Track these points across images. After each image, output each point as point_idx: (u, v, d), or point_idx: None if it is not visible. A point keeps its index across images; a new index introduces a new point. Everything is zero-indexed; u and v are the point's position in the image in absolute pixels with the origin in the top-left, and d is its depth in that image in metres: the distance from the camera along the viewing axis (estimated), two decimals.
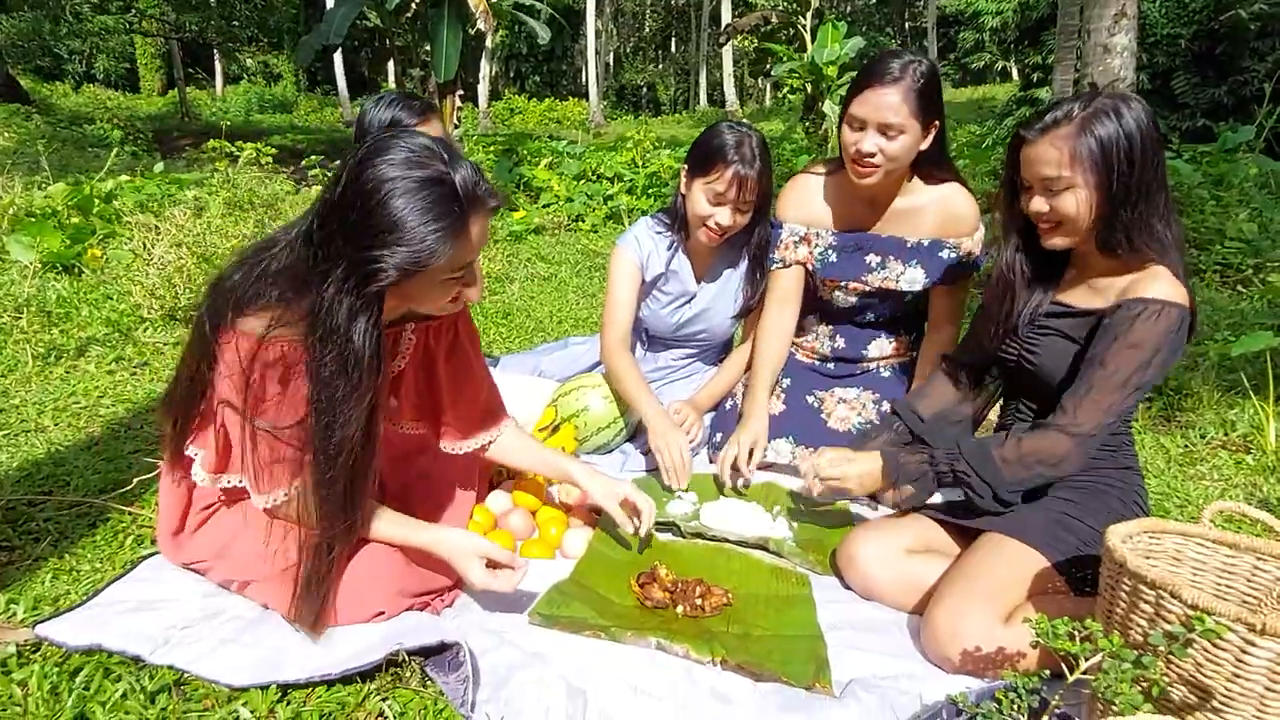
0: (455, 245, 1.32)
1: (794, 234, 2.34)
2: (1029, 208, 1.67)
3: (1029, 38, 12.84)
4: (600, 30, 25.77)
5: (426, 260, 1.30)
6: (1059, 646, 1.20)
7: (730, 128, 2.28)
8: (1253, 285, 4.24)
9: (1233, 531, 1.43)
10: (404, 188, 1.28)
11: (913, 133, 2.02)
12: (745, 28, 13.91)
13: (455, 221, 1.31)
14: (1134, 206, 1.57)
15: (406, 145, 1.31)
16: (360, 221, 1.28)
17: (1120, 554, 1.24)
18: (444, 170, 1.31)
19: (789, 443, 2.36)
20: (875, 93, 2.00)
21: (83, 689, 1.35)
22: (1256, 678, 1.11)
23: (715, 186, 2.23)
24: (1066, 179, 1.58)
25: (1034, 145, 1.62)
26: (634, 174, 7.73)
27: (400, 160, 1.29)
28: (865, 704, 1.36)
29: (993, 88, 21.75)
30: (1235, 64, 9.26)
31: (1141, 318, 1.56)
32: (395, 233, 1.27)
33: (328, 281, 1.30)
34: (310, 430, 1.37)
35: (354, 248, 1.28)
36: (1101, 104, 1.57)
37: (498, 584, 1.53)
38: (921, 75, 1.99)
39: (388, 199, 1.27)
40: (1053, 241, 1.68)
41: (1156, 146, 1.57)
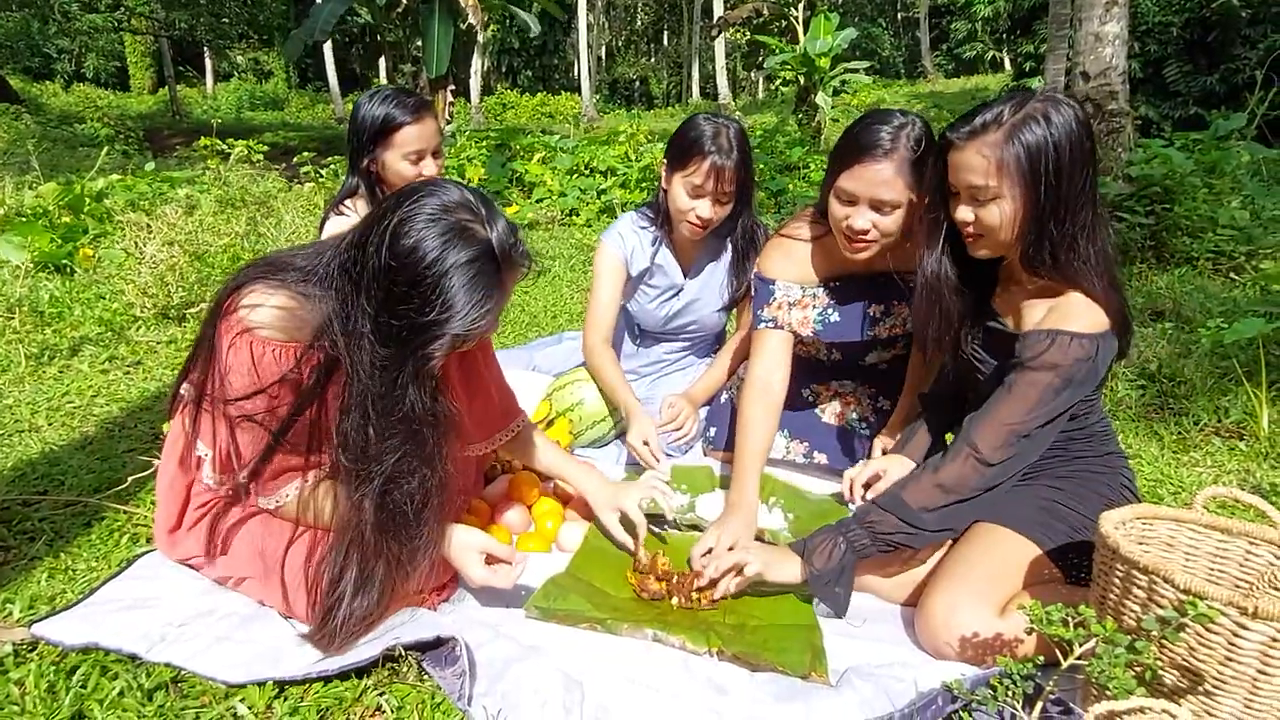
0: (497, 309, 1.35)
1: (788, 294, 2.13)
2: (955, 214, 1.61)
3: (1021, 27, 12.87)
4: (592, 24, 25.70)
5: (477, 334, 1.33)
6: (1053, 633, 1.20)
7: (707, 119, 2.25)
8: (1245, 272, 4.25)
9: (1226, 517, 1.44)
10: (451, 264, 1.27)
11: (908, 205, 1.85)
12: (737, 20, 13.90)
13: (498, 289, 1.33)
14: (1060, 222, 1.51)
15: (445, 205, 1.30)
16: (408, 294, 1.27)
17: (1113, 540, 1.25)
18: (484, 235, 1.31)
19: (783, 436, 2.36)
20: (866, 168, 1.81)
21: (80, 687, 1.35)
22: (1249, 661, 1.12)
23: (693, 179, 2.21)
24: (993, 189, 1.51)
25: (961, 151, 1.53)
26: (627, 168, 7.72)
27: (442, 230, 1.28)
28: (861, 692, 1.37)
29: (985, 78, 21.75)
30: (1227, 51, 9.30)
31: (1052, 349, 1.53)
32: (447, 313, 1.28)
33: (374, 333, 1.30)
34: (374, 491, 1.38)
35: (404, 318, 1.28)
36: (1031, 109, 1.48)
37: (497, 580, 1.53)
38: (915, 141, 1.81)
39: (439, 280, 1.26)
40: (978, 252, 1.63)
41: (1087, 156, 1.50)
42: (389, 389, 1.32)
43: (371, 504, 1.37)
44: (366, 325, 1.30)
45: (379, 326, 1.29)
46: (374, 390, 1.32)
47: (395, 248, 1.27)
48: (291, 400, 1.40)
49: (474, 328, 1.30)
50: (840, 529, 1.66)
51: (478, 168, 7.70)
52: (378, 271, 1.28)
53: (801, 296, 2.13)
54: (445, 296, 1.27)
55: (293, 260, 1.43)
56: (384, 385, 1.32)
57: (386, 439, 1.34)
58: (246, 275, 1.42)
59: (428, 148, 2.25)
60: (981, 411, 1.61)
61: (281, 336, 1.38)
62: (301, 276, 1.39)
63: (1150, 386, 2.98)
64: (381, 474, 1.36)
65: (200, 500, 1.60)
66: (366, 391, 1.32)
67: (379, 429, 1.34)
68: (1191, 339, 3.30)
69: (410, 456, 1.37)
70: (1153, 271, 4.39)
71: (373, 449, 1.35)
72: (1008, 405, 1.57)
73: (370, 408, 1.33)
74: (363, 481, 1.37)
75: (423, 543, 1.44)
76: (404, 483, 1.38)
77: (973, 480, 1.60)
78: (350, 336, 1.32)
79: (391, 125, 2.19)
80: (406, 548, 1.42)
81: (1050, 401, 1.54)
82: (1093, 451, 1.73)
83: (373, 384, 1.32)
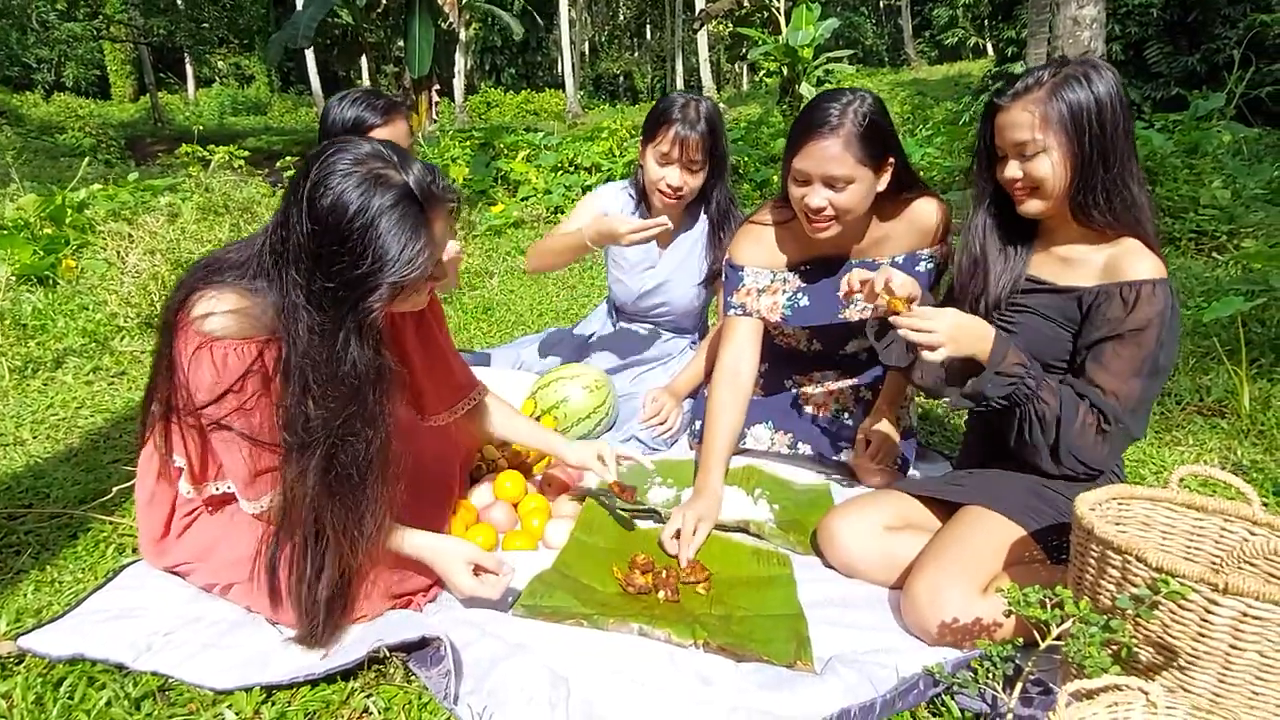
0: (430, 251, 1.33)
1: (757, 280, 2.15)
2: (1004, 174, 1.67)
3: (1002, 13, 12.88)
4: (574, 20, 25.62)
5: (413, 279, 1.31)
6: (1030, 614, 1.22)
7: (679, 94, 2.38)
8: (1227, 252, 4.27)
9: (1207, 494, 1.46)
10: (375, 211, 1.27)
11: (863, 180, 1.86)
12: (719, 12, 13.88)
13: (425, 229, 1.32)
14: (1109, 168, 1.58)
15: (356, 158, 1.30)
16: (337, 252, 1.27)
17: (1088, 521, 1.26)
18: (400, 178, 1.30)
19: (767, 428, 2.37)
20: (815, 145, 1.83)
21: (67, 698, 1.35)
22: (1221, 636, 1.14)
23: (661, 147, 2.33)
24: (1039, 142, 1.59)
25: (1007, 111, 1.63)
26: (612, 163, 7.71)
27: (358, 181, 1.27)
28: (845, 679, 1.38)
29: (968, 64, 21.75)
30: (1207, 31, 9.32)
31: (1140, 302, 1.56)
32: (380, 261, 1.27)
33: (309, 302, 1.30)
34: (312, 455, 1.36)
35: (337, 278, 1.28)
36: (1071, 70, 1.58)
37: (484, 590, 1.55)
38: (864, 117, 1.82)
39: (364, 231, 1.26)
40: (1027, 207, 1.67)
41: (1126, 112, 1.59)
42: (329, 353, 1.31)
43: (316, 473, 1.35)
44: (300, 296, 1.30)
45: (313, 294, 1.29)
46: (314, 358, 1.31)
47: (315, 211, 1.27)
48: (261, 395, 1.39)
49: (410, 271, 1.30)
50: (1029, 369, 1.61)
51: (462, 167, 7.69)
52: (304, 239, 1.28)
53: (771, 282, 2.15)
54: (375, 245, 1.27)
55: (227, 258, 1.41)
56: (324, 350, 1.31)
57: (328, 405, 1.33)
58: (189, 285, 1.40)
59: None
60: (1102, 377, 1.60)
61: (239, 336, 1.37)
62: (240, 273, 1.38)
63: None
64: (325, 440, 1.34)
65: (187, 508, 1.60)
66: (306, 362, 1.31)
67: (320, 398, 1.32)
68: None
69: (353, 418, 1.36)
70: None
71: (314, 419, 1.33)
72: (1120, 363, 1.58)
73: (310, 378, 1.32)
74: (306, 452, 1.35)
75: (370, 507, 1.41)
76: (348, 445, 1.36)
77: (1118, 443, 1.61)
78: (286, 312, 1.32)
79: (363, 127, 2.15)
80: (354, 513, 1.40)
81: (1158, 355, 1.57)
82: None
83: (312, 351, 1.31)
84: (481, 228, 6.19)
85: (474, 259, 5.34)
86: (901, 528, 1.80)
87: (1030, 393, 1.60)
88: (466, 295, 4.51)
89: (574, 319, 3.88)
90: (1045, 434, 1.61)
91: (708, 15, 14.85)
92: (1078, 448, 1.60)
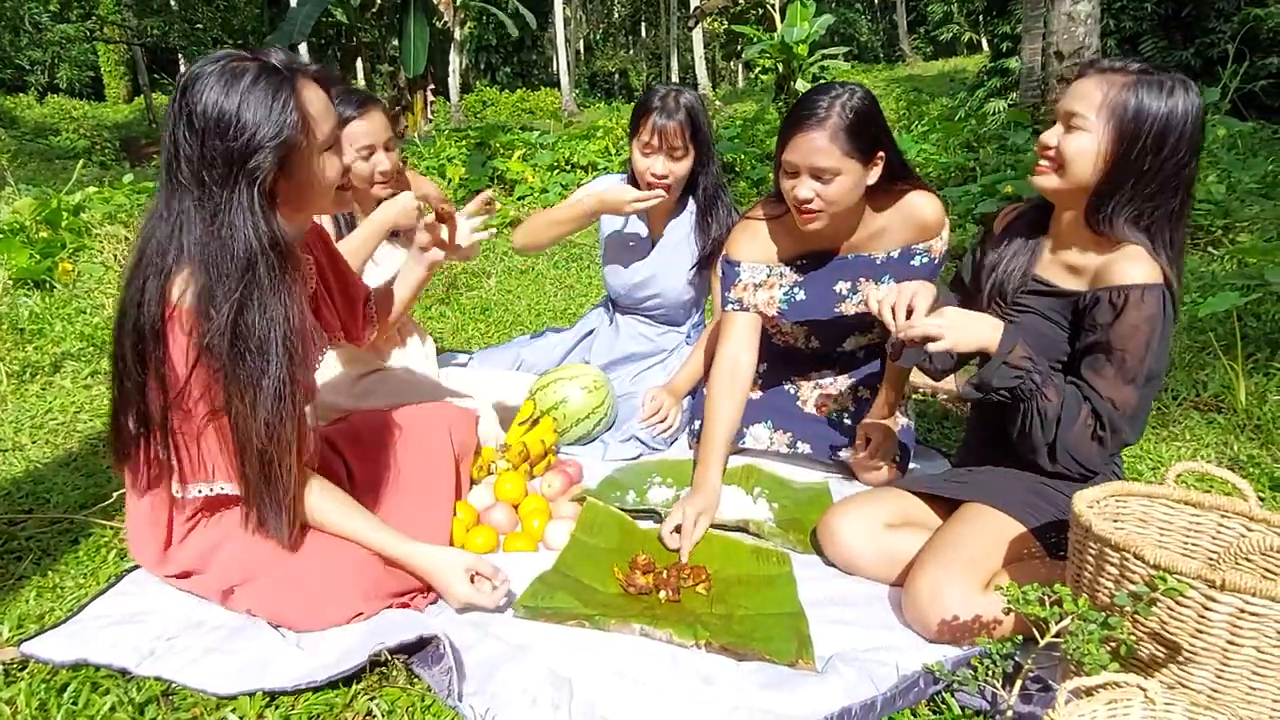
0: (302, 115, 1.36)
1: (754, 275, 2.18)
2: (1041, 137, 1.64)
3: (997, 8, 12.89)
4: (569, 17, 25.60)
5: (289, 135, 1.34)
6: (1029, 612, 1.22)
7: (662, 85, 2.44)
8: (1223, 246, 4.28)
9: (1204, 490, 1.46)
10: (241, 91, 1.31)
11: (850, 172, 1.88)
12: (714, 10, 13.89)
13: (293, 94, 1.35)
14: (1140, 186, 1.53)
15: (212, 62, 1.35)
16: (216, 144, 1.31)
17: (1086, 519, 1.27)
18: (257, 60, 1.35)
19: (766, 428, 2.38)
20: (803, 137, 1.86)
21: (71, 704, 1.36)
22: (1219, 632, 1.14)
23: (643, 137, 2.38)
24: (1088, 121, 1.54)
25: (1084, 80, 1.58)
26: (608, 162, 7.72)
27: (217, 76, 1.32)
28: (846, 677, 1.39)
29: (963, 60, 21.76)
30: (1201, 25, 9.33)
31: (1128, 307, 1.53)
32: (254, 129, 1.31)
33: (201, 200, 1.33)
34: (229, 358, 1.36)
35: (221, 163, 1.31)
36: (1163, 77, 1.52)
37: (480, 598, 1.56)
38: (851, 110, 1.84)
39: (237, 111, 1.30)
40: (1043, 180, 1.63)
41: (1191, 148, 1.52)
42: (221, 231, 1.33)
43: (222, 349, 1.35)
44: (192, 202, 1.33)
45: (204, 190, 1.32)
46: (210, 243, 1.33)
47: (192, 123, 1.31)
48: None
49: (287, 131, 1.33)
50: (1035, 363, 1.60)
51: (458, 167, 7.68)
52: (191, 150, 1.31)
53: (768, 277, 2.18)
54: (244, 116, 1.31)
55: (153, 233, 1.39)
56: (217, 229, 1.33)
57: (226, 284, 1.34)
58: (145, 287, 1.37)
59: (378, 141, 2.20)
60: (1097, 382, 1.58)
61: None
62: (166, 243, 1.37)
63: None
64: (229, 315, 1.34)
65: (187, 513, 1.59)
66: (204, 251, 1.33)
67: (220, 279, 1.33)
68: None
69: (251, 286, 1.36)
70: None
71: (217, 302, 1.34)
72: (1112, 370, 1.56)
73: (209, 266, 1.33)
74: (211, 335, 1.35)
75: (272, 377, 1.39)
76: (247, 316, 1.36)
77: (1113, 445, 1.60)
78: (184, 226, 1.34)
79: (339, 121, 2.14)
80: (260, 393, 1.38)
81: (1147, 360, 1.54)
82: None
83: (206, 238, 1.33)
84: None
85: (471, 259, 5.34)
86: (901, 525, 1.81)
87: (1035, 388, 1.59)
88: (464, 296, 4.51)
89: (572, 319, 3.88)
90: (1045, 430, 1.61)
91: (703, 12, 14.86)
92: (1074, 448, 1.60)
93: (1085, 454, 1.60)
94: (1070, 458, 1.61)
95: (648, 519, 2.05)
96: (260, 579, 1.55)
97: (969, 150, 6.75)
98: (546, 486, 2.16)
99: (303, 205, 1.49)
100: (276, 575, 1.54)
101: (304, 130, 1.37)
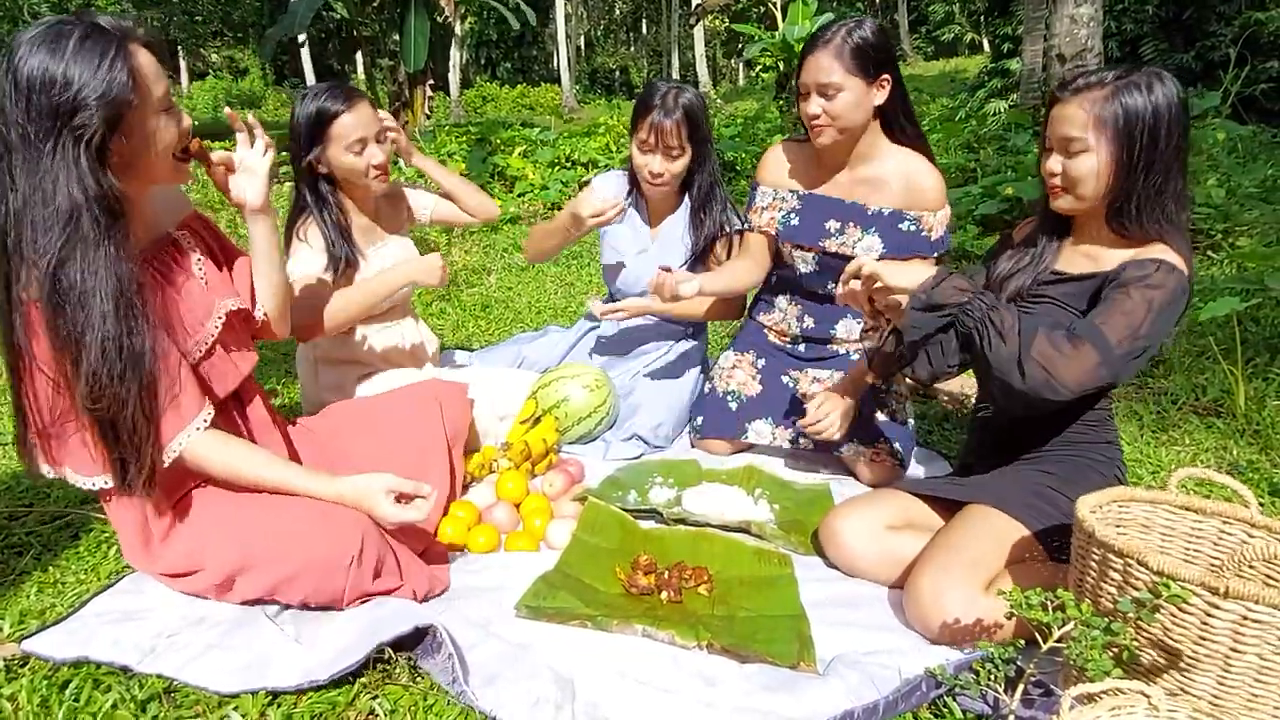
0: (133, 74, 1.34)
1: (765, 198, 2.39)
2: (1045, 166, 1.69)
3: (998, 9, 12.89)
4: (570, 14, 25.57)
5: (119, 94, 1.32)
6: (1032, 616, 1.23)
7: (661, 82, 2.46)
8: (1222, 250, 4.29)
9: (1203, 496, 1.47)
10: (61, 55, 1.29)
11: (853, 89, 2.06)
12: (715, 7, 13.88)
13: (120, 52, 1.33)
14: (1150, 182, 1.58)
15: (35, 28, 1.33)
16: (42, 101, 1.29)
17: (1089, 524, 1.27)
18: (82, 21, 1.34)
19: (768, 423, 2.39)
20: (812, 58, 2.08)
21: (73, 701, 1.36)
22: (1221, 639, 1.15)
23: (640, 134, 2.40)
24: (1086, 142, 1.59)
25: (1064, 105, 1.63)
26: (609, 159, 7.71)
27: (40, 39, 1.30)
28: (848, 680, 1.39)
29: (964, 60, 21.77)
30: (1202, 29, 9.34)
31: (1156, 271, 1.57)
32: (76, 88, 1.29)
33: (41, 168, 1.31)
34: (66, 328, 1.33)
35: (50, 125, 1.30)
36: (1137, 77, 1.57)
37: (409, 514, 1.58)
38: (855, 34, 2.05)
39: (63, 71, 1.28)
40: (1059, 202, 1.69)
41: (1182, 130, 1.58)
42: (44, 183, 1.31)
43: (42, 291, 1.32)
44: (17, 161, 1.31)
45: (28, 145, 1.30)
46: (32, 195, 1.31)
47: (17, 83, 1.29)
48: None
49: (116, 89, 1.31)
50: (979, 294, 1.59)
51: (459, 162, 7.67)
52: (19, 116, 1.29)
53: (774, 200, 2.38)
54: (72, 74, 1.29)
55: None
56: (39, 181, 1.31)
57: (48, 236, 1.31)
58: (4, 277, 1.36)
59: (369, 134, 2.15)
60: (1099, 316, 1.57)
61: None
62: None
63: None
64: (47, 267, 1.31)
65: (162, 509, 1.56)
66: (26, 204, 1.31)
67: (42, 231, 1.31)
68: None
69: (73, 240, 1.32)
70: None
71: (38, 253, 1.31)
72: (1130, 312, 1.56)
73: (32, 221, 1.31)
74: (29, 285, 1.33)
75: (97, 331, 1.34)
76: (68, 269, 1.32)
77: (1089, 363, 1.53)
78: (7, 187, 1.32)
79: (326, 118, 2.10)
80: (79, 342, 1.34)
81: (1154, 321, 1.55)
82: (1094, 439, 1.76)
83: (29, 190, 1.31)
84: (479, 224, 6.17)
85: (471, 256, 5.34)
86: (903, 526, 1.81)
87: (986, 305, 1.57)
88: (465, 293, 4.51)
89: (572, 316, 3.88)
90: (1008, 341, 1.54)
91: (704, 10, 14.85)
92: (1047, 360, 1.53)
93: (1063, 371, 1.52)
94: (1043, 370, 1.52)
95: (649, 519, 2.05)
96: (259, 562, 1.53)
97: (969, 151, 6.74)
98: (548, 485, 2.16)
99: (140, 170, 1.46)
100: (274, 552, 1.52)
101: (135, 90, 1.34)
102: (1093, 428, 1.76)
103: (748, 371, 2.49)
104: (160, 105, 1.43)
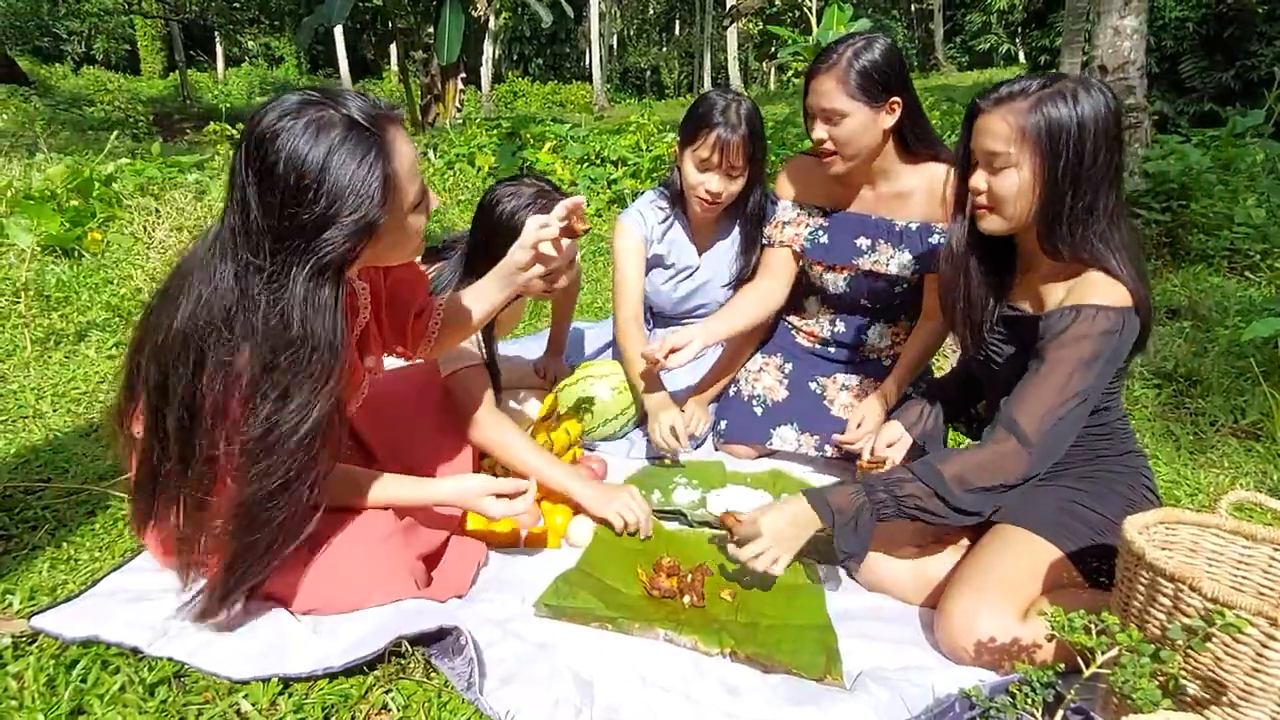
0: (387, 181, 1.26)
1: (786, 212, 2.32)
2: (970, 182, 1.60)
3: (1036, 20, 12.76)
4: (604, 12, 25.56)
5: (371, 215, 1.24)
6: (1075, 640, 1.17)
7: (719, 94, 2.29)
8: (1261, 271, 4.20)
9: (1248, 522, 1.41)
10: (327, 149, 1.20)
11: (858, 114, 1.97)
12: (750, 10, 13.82)
13: (380, 150, 1.25)
14: (1079, 199, 1.49)
15: (285, 111, 1.22)
16: (297, 213, 1.21)
17: (1139, 546, 1.22)
18: (341, 114, 1.24)
19: (793, 429, 2.34)
20: (815, 81, 2.00)
21: (80, 681, 1.33)
22: (1276, 672, 1.09)
23: (700, 152, 2.24)
24: (1010, 157, 1.51)
25: (987, 116, 1.54)
26: (638, 158, 7.66)
27: (303, 128, 1.21)
28: (876, 697, 1.34)
29: (999, 71, 21.52)
30: (1243, 47, 9.21)
31: (1077, 322, 1.48)
32: (336, 199, 1.21)
33: (275, 284, 1.24)
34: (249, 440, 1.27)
35: (297, 233, 1.22)
36: (1061, 86, 1.48)
37: (514, 508, 1.62)
38: (861, 56, 1.93)
39: (320, 175, 1.20)
40: (985, 223, 1.60)
41: (1112, 142, 1.48)
42: (283, 310, 1.23)
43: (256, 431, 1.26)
44: (259, 276, 1.23)
45: (274, 260, 1.22)
46: (272, 320, 1.23)
47: (269, 180, 1.20)
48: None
49: (367, 209, 1.23)
50: (866, 488, 1.57)
51: (489, 155, 7.66)
52: (266, 211, 1.21)
53: (797, 215, 2.31)
54: (329, 184, 1.20)
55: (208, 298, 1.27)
56: (280, 309, 1.23)
57: (278, 369, 1.25)
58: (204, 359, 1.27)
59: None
60: (1015, 394, 1.54)
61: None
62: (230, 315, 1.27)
63: (1166, 386, 2.93)
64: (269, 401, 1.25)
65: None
66: (267, 327, 1.23)
67: (275, 363, 1.24)
68: (1208, 338, 3.25)
69: (301, 377, 1.26)
70: (1168, 268, 4.34)
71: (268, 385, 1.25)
72: (1041, 384, 1.51)
73: (270, 348, 1.24)
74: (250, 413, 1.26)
75: (278, 474, 1.29)
76: (282, 406, 1.26)
77: (1012, 462, 1.50)
78: (246, 304, 1.24)
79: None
80: (264, 476, 1.29)
81: (1082, 376, 1.48)
82: (1112, 450, 1.70)
83: (270, 315, 1.23)
84: None
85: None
86: (931, 544, 1.76)
87: (887, 495, 1.54)
88: None
89: (599, 313, 3.85)
90: (928, 503, 1.52)
91: (738, 12, 14.80)
92: (965, 480, 1.50)
93: (991, 477, 1.50)
94: (978, 498, 1.51)
95: (673, 520, 2.01)
96: (306, 605, 1.51)
97: None
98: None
99: (383, 261, 1.44)
100: (322, 599, 1.50)
101: (386, 204, 1.26)
102: (1106, 440, 1.69)
103: (774, 375, 2.44)
104: (413, 203, 1.35)
